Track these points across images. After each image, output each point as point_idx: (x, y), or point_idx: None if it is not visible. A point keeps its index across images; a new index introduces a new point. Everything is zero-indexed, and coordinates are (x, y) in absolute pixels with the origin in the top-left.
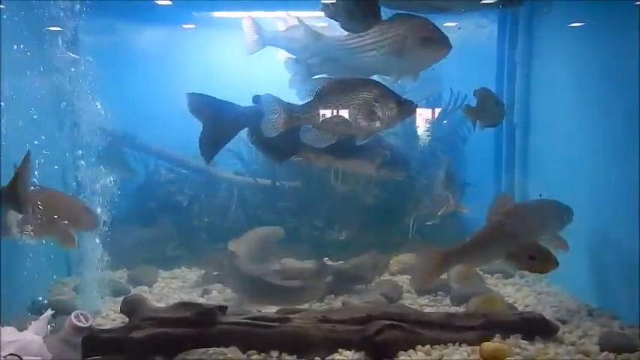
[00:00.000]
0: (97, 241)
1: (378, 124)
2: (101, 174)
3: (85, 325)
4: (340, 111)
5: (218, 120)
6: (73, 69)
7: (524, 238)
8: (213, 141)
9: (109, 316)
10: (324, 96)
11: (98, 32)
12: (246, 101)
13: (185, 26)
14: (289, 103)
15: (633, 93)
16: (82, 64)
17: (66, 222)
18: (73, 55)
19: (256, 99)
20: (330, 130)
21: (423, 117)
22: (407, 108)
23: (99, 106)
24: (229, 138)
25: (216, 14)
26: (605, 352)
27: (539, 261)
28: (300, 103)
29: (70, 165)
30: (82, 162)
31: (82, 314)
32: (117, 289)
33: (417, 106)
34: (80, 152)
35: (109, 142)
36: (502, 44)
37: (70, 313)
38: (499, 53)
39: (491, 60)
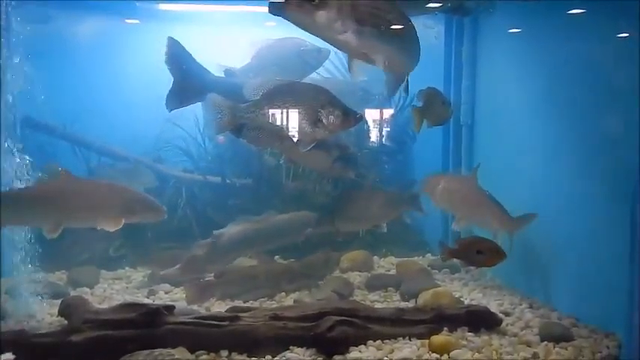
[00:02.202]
0: (32, 240)
1: (321, 131)
2: (31, 168)
3: None
4: (285, 114)
5: (188, 78)
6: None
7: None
8: (178, 95)
9: (45, 320)
10: (269, 97)
11: (33, 21)
12: None
13: (128, 21)
14: (233, 103)
15: (574, 92)
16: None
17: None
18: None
19: (228, 72)
20: (272, 133)
21: (373, 115)
22: (352, 118)
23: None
24: (194, 99)
25: (161, 7)
26: (545, 342)
27: (487, 255)
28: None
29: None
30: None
31: None
32: (55, 291)
33: (362, 117)
34: (9, 144)
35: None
36: (449, 44)
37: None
38: (446, 53)
39: (439, 60)
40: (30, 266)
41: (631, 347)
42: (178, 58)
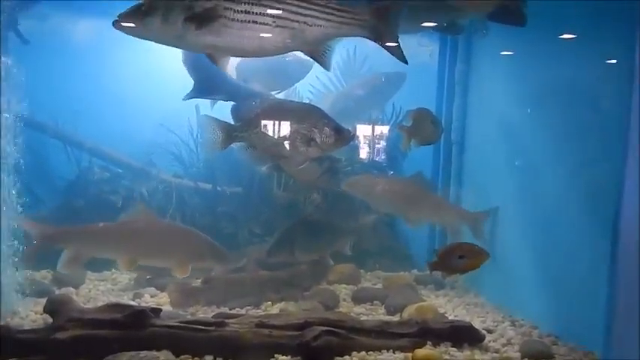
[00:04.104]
0: (14, 237)
1: (314, 149)
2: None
3: None
4: (277, 133)
5: (207, 77)
6: None
7: None
8: (198, 91)
9: (29, 317)
10: (262, 116)
11: (31, 19)
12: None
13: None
14: (227, 123)
15: (561, 113)
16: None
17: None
18: None
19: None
20: (266, 152)
21: (364, 131)
22: (344, 136)
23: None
24: (211, 97)
25: None
26: (526, 359)
27: (469, 258)
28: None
29: None
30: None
31: None
32: (40, 289)
33: (354, 136)
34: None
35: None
36: (443, 63)
37: None
38: (439, 72)
39: (433, 78)
40: (14, 264)
41: None
42: (195, 59)
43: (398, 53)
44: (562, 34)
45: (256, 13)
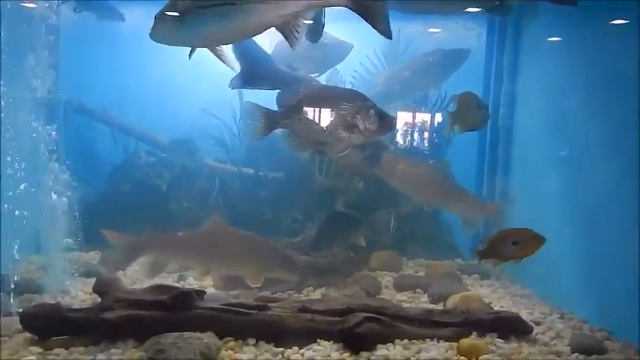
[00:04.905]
0: (68, 220)
1: (357, 136)
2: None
3: None
4: (320, 120)
5: (255, 65)
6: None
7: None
8: (244, 79)
9: (79, 297)
10: (304, 103)
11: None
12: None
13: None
14: (269, 109)
15: (615, 98)
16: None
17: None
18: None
19: (289, 66)
20: (308, 139)
21: (407, 118)
22: (387, 122)
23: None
24: (259, 85)
25: None
26: (576, 354)
27: (523, 243)
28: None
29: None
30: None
31: None
32: (88, 270)
33: (396, 122)
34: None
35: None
36: (490, 47)
37: (37, 292)
38: (487, 56)
39: (480, 62)
40: (65, 244)
41: None
42: (244, 47)
43: (381, 27)
44: (615, 20)
45: None
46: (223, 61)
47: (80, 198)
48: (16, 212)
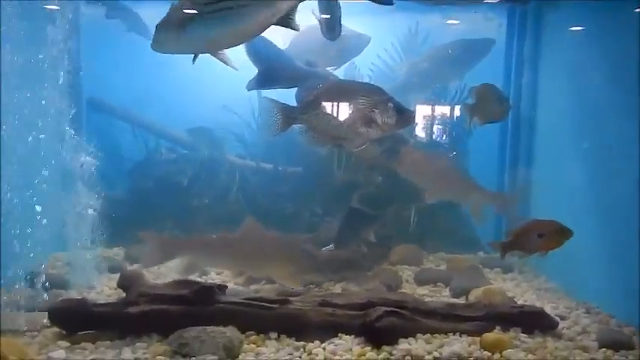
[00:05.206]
0: (92, 217)
1: (375, 131)
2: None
3: None
4: (338, 115)
5: (272, 66)
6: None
7: None
8: (261, 82)
9: (104, 292)
10: (322, 98)
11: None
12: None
13: None
14: (286, 105)
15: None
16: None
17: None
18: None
19: (309, 63)
20: (326, 134)
21: (426, 110)
22: (406, 117)
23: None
24: (277, 86)
25: None
26: (604, 349)
27: (550, 235)
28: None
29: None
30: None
31: None
32: (112, 265)
33: (415, 116)
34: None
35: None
36: (511, 38)
37: (64, 287)
38: (507, 47)
39: (500, 53)
40: (92, 241)
41: None
42: (258, 48)
43: None
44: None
45: None
46: (225, 63)
47: (104, 195)
48: (40, 209)
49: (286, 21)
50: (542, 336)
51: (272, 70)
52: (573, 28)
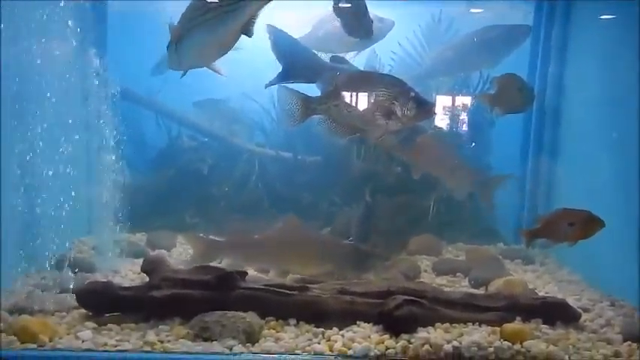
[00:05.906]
0: (117, 203)
1: (395, 122)
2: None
3: None
4: (357, 105)
5: (296, 63)
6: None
7: None
8: (284, 78)
9: (128, 276)
10: (342, 88)
11: None
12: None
13: None
14: (305, 95)
15: None
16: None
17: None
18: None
19: (335, 59)
20: (345, 124)
21: (448, 101)
22: (426, 109)
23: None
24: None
25: None
26: (628, 342)
27: (580, 225)
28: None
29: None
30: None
31: None
32: (135, 250)
33: (435, 108)
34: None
35: None
36: (538, 26)
37: (90, 271)
38: (534, 36)
39: (526, 43)
40: (116, 227)
41: None
42: (282, 45)
43: None
44: None
45: None
46: (217, 72)
47: (128, 182)
48: (71, 195)
49: (246, 28)
50: (564, 328)
51: (296, 67)
52: (603, 17)
